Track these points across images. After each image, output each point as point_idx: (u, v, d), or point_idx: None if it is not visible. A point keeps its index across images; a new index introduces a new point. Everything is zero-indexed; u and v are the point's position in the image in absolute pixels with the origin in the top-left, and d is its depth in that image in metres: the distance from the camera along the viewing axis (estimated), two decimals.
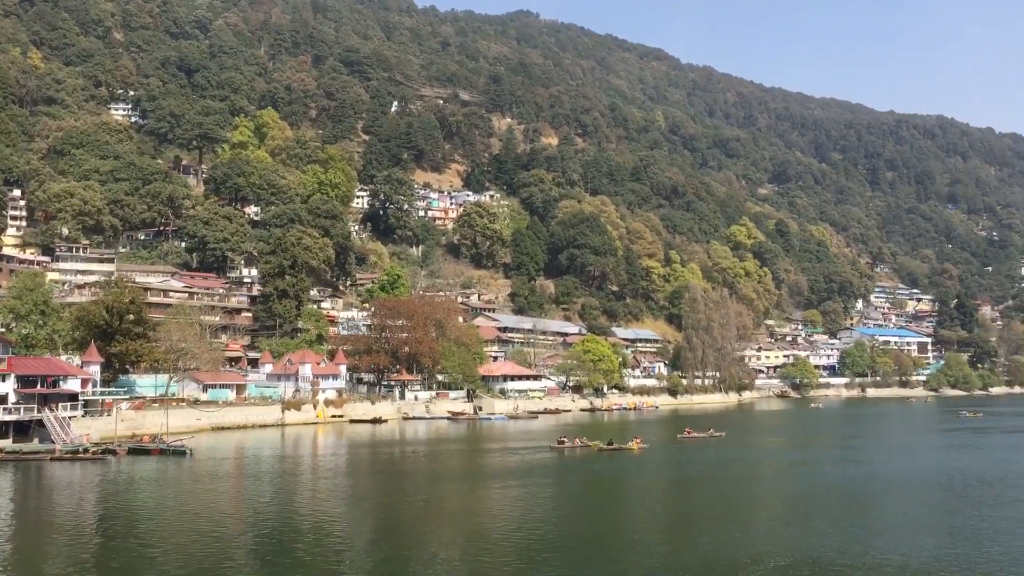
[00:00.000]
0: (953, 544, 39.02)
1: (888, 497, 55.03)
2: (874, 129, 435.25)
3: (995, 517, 46.06)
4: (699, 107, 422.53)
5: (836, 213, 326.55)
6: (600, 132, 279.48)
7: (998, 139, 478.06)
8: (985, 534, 41.37)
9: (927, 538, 40.72)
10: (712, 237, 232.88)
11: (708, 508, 50.99)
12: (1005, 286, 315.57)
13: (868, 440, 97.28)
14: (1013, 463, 71.97)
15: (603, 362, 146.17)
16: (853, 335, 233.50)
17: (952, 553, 37.06)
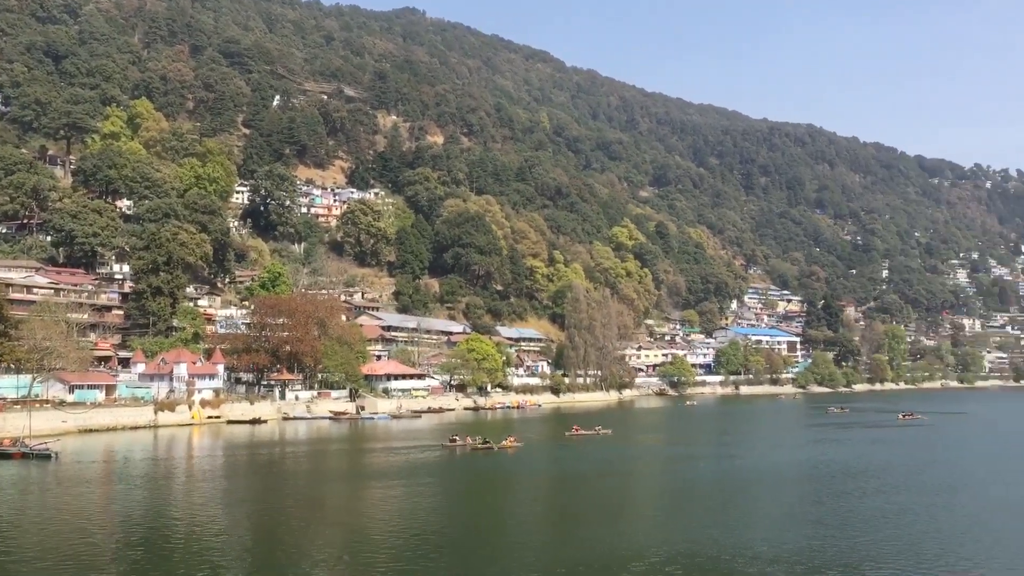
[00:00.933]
0: (821, 533, 40.90)
1: (760, 490, 57.22)
2: (749, 136, 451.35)
3: (859, 507, 48.54)
4: (583, 109, 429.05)
5: (713, 216, 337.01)
6: (486, 132, 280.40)
7: (863, 148, 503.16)
8: (850, 523, 43.53)
9: (797, 528, 42.54)
10: (595, 238, 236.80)
11: (590, 504, 51.79)
12: (868, 288, 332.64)
13: (741, 436, 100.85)
14: (874, 456, 75.86)
15: (487, 361, 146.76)
16: (728, 334, 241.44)
17: (820, 542, 38.85)
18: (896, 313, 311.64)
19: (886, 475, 62.38)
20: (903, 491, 54.40)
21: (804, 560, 35.39)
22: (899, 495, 52.82)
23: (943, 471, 65.32)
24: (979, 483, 59.94)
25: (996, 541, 39.55)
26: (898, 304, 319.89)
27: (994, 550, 37.53)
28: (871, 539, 39.29)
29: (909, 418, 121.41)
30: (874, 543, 38.34)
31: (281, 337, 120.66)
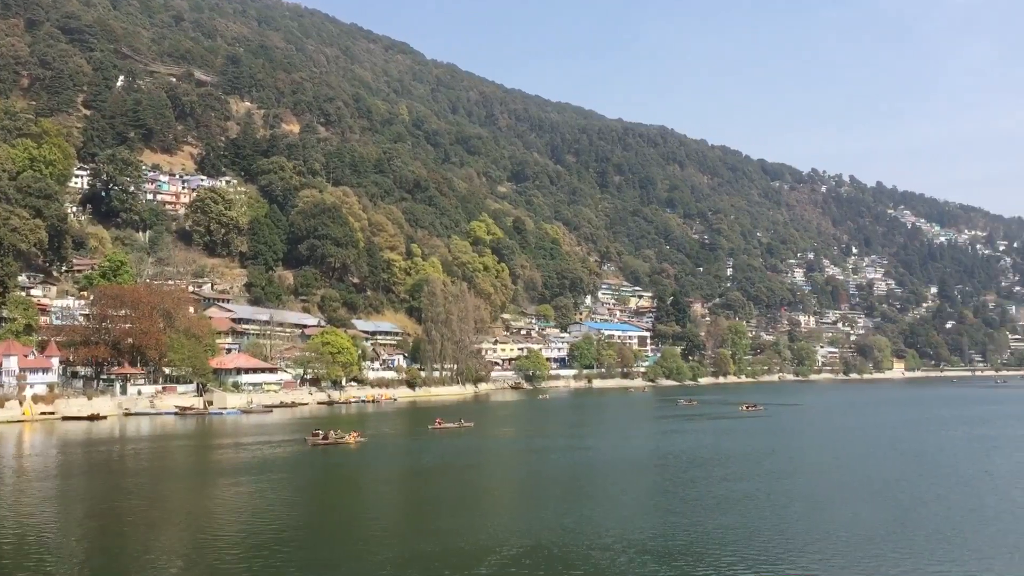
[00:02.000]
0: (672, 520, 42.42)
1: (613, 479, 58.78)
2: (604, 135, 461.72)
3: (707, 494, 50.64)
4: (443, 103, 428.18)
5: (569, 213, 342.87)
6: (344, 122, 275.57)
7: (711, 150, 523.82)
8: (698, 510, 45.36)
9: (649, 516, 44.01)
10: (453, 232, 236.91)
11: (448, 497, 51.87)
12: (713, 285, 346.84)
13: (594, 428, 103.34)
14: (720, 445, 79.33)
15: (342, 355, 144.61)
16: (582, 329, 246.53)
17: (671, 528, 40.29)
18: (739, 309, 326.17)
19: (731, 463, 65.42)
20: (747, 478, 57.19)
21: (655, 547, 36.57)
22: (743, 482, 55.48)
23: (782, 458, 69.16)
24: (814, 468, 63.77)
25: (830, 521, 42.01)
26: (741, 301, 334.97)
27: (829, 529, 39.84)
28: (717, 524, 41.04)
29: (751, 409, 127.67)
30: (720, 528, 40.08)
31: (123, 329, 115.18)
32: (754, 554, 35.09)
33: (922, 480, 56.44)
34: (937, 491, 51.62)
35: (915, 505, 46.90)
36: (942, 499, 48.63)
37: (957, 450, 75.08)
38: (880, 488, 53.11)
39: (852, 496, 50.18)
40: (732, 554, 35.17)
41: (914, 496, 49.82)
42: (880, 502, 47.91)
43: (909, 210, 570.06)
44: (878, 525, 41.02)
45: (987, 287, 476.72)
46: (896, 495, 50.25)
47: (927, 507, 46.18)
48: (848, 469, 63.12)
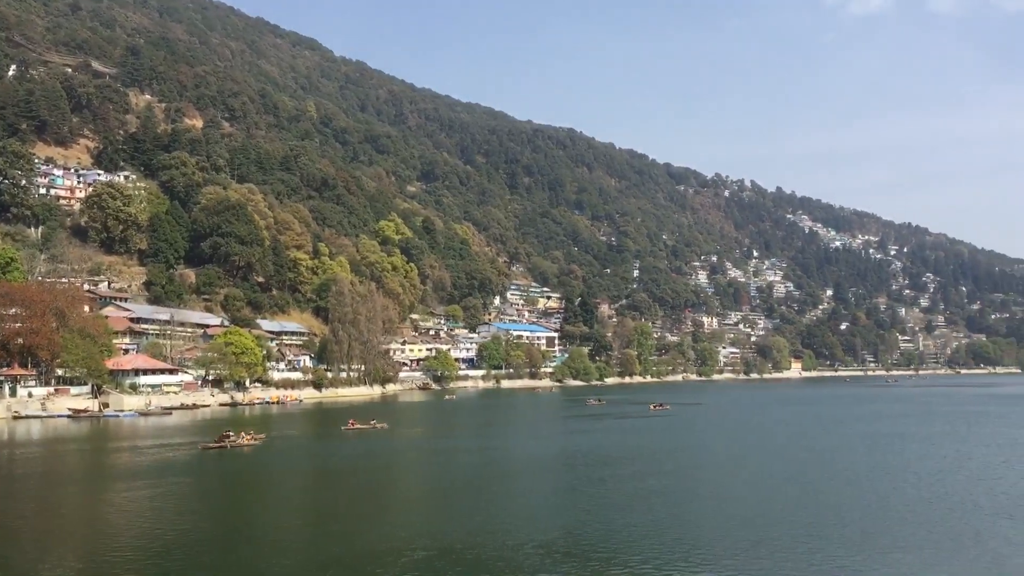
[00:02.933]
0: (581, 519, 42.85)
1: (523, 479, 59.15)
2: (514, 136, 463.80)
3: (615, 492, 51.31)
4: (352, 101, 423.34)
5: (479, 213, 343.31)
6: (249, 118, 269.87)
7: (619, 153, 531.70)
8: (607, 508, 45.93)
9: (558, 515, 44.41)
10: (361, 231, 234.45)
11: (355, 499, 51.38)
12: (620, 287, 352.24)
13: (503, 428, 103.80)
14: (629, 444, 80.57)
15: (246, 355, 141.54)
16: (491, 329, 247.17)
17: (580, 527, 40.68)
18: (645, 311, 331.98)
19: (639, 461, 66.60)
20: (654, 475, 58.31)
21: (565, 546, 36.89)
22: (650, 479, 56.51)
23: (687, 456, 70.82)
24: (717, 466, 65.45)
25: (730, 518, 43.10)
26: (647, 302, 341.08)
27: (729, 526, 40.87)
28: (625, 523, 41.61)
29: (659, 408, 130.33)
30: (628, 527, 40.65)
31: (12, 329, 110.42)
32: (660, 552, 35.72)
33: (821, 476, 58.42)
34: (835, 486, 53.49)
35: (815, 499, 48.47)
36: (839, 494, 50.39)
37: (852, 447, 77.96)
38: (780, 484, 54.75)
39: (754, 493, 51.53)
40: (639, 552, 35.72)
41: (813, 491, 51.50)
42: (780, 499, 49.34)
43: (807, 215, 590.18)
44: (777, 520, 42.27)
45: (879, 290, 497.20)
46: (795, 491, 51.84)
47: (826, 502, 47.76)
48: (750, 467, 64.95)
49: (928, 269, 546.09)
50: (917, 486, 53.26)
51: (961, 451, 73.46)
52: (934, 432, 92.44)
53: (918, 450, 74.36)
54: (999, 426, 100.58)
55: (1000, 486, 53.13)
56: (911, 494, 50.15)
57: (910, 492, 50.94)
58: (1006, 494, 50.09)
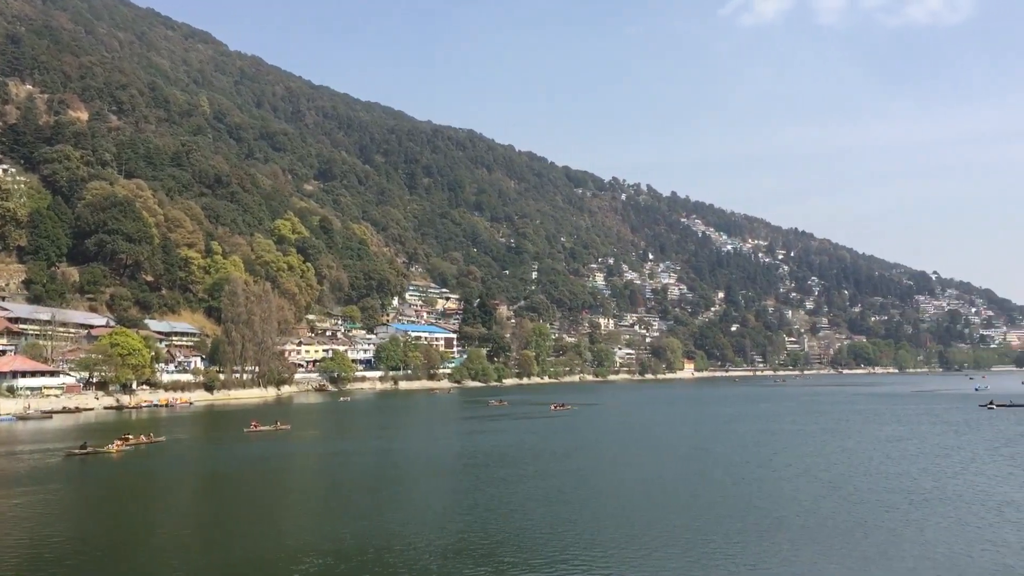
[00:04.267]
0: (481, 520, 42.76)
1: (423, 481, 58.73)
2: (414, 136, 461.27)
3: (515, 492, 51.48)
4: (247, 97, 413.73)
5: (377, 213, 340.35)
6: (138, 111, 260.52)
7: (518, 156, 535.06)
8: (507, 508, 46.02)
9: (460, 516, 44.20)
10: (256, 230, 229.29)
11: (250, 504, 50.15)
12: (519, 288, 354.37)
13: (404, 429, 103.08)
14: (531, 444, 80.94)
15: (133, 356, 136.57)
16: (389, 330, 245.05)
17: (481, 529, 40.59)
18: (543, 312, 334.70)
19: (540, 461, 67.07)
20: (555, 475, 58.75)
21: (466, 547, 36.75)
22: (552, 479, 56.94)
23: (588, 455, 71.72)
24: (616, 465, 66.40)
25: (629, 516, 43.75)
26: (545, 304, 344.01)
27: (629, 524, 41.47)
28: (527, 523, 41.75)
29: (560, 408, 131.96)
30: (529, 527, 40.81)
31: None
32: (561, 553, 35.95)
33: (716, 473, 59.87)
34: (729, 483, 54.92)
35: (711, 496, 49.63)
36: (734, 490, 51.74)
37: (745, 445, 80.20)
38: (678, 483, 55.87)
39: (653, 492, 52.39)
40: (541, 553, 35.90)
41: (709, 488, 52.74)
42: (678, 497, 50.35)
43: (700, 219, 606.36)
44: (675, 519, 43.12)
45: (767, 293, 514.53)
46: (693, 489, 52.99)
47: (722, 498, 48.96)
48: (648, 466, 66.10)
49: (813, 273, 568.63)
50: (808, 481, 55.15)
51: (846, 447, 76.50)
52: (820, 429, 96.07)
53: (807, 447, 77.07)
54: (881, 423, 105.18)
55: (883, 481, 55.46)
56: (803, 490, 51.89)
57: (802, 488, 52.71)
58: (889, 489, 52.30)
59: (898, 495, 49.39)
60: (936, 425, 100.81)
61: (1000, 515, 43.05)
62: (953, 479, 55.64)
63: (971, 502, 46.87)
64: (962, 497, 48.51)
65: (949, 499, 47.97)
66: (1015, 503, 46.47)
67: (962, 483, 53.78)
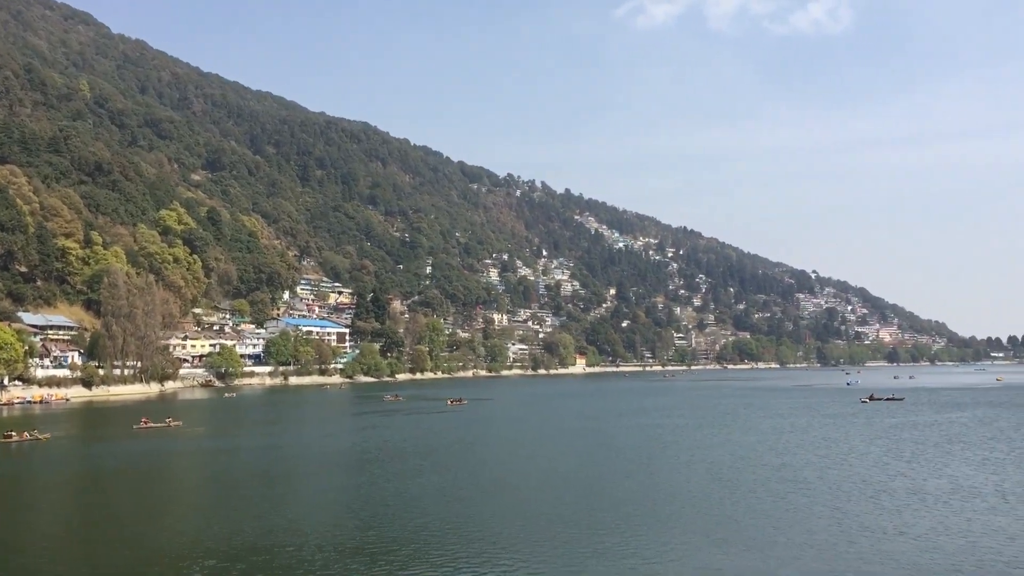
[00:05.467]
0: (377, 516, 42.18)
1: (318, 477, 57.72)
2: (307, 128, 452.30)
3: (411, 487, 50.96)
4: (130, 82, 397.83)
5: (268, 205, 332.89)
6: (12, 94, 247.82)
7: (413, 150, 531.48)
8: (403, 503, 45.50)
9: (355, 513, 43.54)
10: (140, 220, 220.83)
11: (134, 504, 48.18)
12: (413, 283, 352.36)
13: (293, 425, 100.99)
14: (423, 439, 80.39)
15: (4, 351, 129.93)
16: (279, 325, 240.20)
17: (376, 525, 40.01)
18: (437, 307, 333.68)
19: (437, 456, 66.74)
20: (450, 470, 58.53)
21: (361, 544, 36.11)
22: (447, 474, 56.69)
23: (483, 450, 71.85)
24: (511, 459, 66.57)
25: (524, 510, 43.80)
26: (439, 299, 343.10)
27: (524, 518, 41.49)
28: (424, 518, 41.29)
29: (456, 404, 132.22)
30: (427, 522, 40.36)
31: None
32: (458, 548, 35.72)
33: (608, 466, 60.68)
34: (621, 476, 55.72)
35: (606, 489, 50.23)
36: (625, 483, 52.51)
37: (636, 438, 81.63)
38: (572, 477, 56.35)
39: (548, 486, 52.69)
40: (438, 548, 35.61)
41: (603, 481, 53.40)
42: (573, 488, 50.76)
43: (593, 217, 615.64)
44: (570, 512, 43.43)
45: (657, 290, 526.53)
46: (588, 483, 53.53)
47: (618, 492, 49.58)
48: (542, 460, 66.55)
49: (701, 271, 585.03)
50: (698, 473, 56.44)
51: (732, 439, 78.72)
52: (708, 422, 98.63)
53: (695, 440, 78.96)
54: (765, 417, 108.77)
55: (768, 471, 57.22)
56: (693, 481, 53.08)
57: (692, 479, 53.92)
58: (775, 479, 53.98)
59: (782, 484, 51.06)
60: (817, 418, 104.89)
61: (877, 503, 44.96)
62: (833, 469, 57.88)
63: (850, 491, 48.80)
64: (841, 486, 50.44)
65: (830, 488, 49.83)
66: (890, 491, 48.62)
67: (841, 473, 55.98)
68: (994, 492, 47.96)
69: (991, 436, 79.06)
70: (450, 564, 32.80)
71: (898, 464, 59.97)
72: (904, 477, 53.78)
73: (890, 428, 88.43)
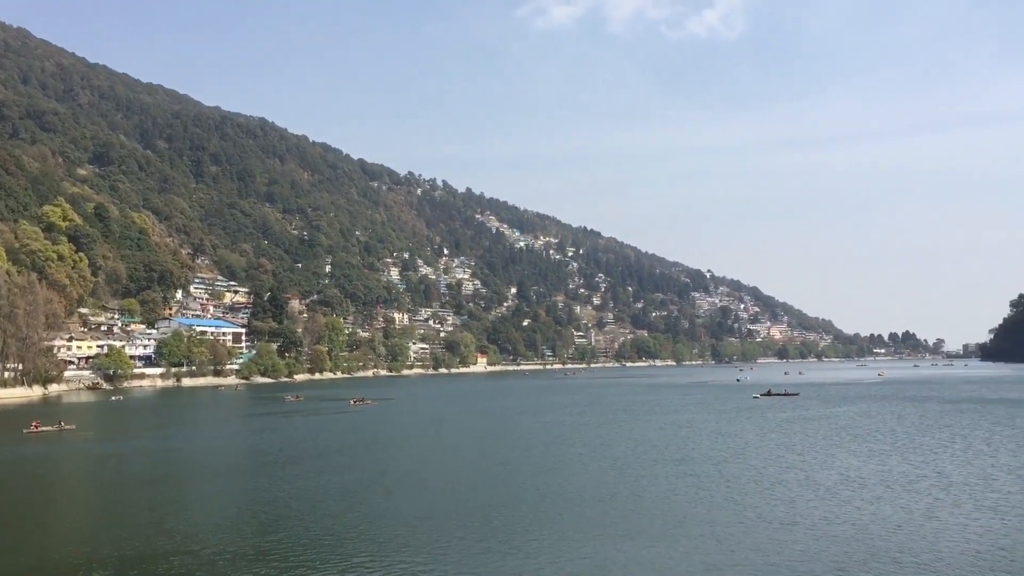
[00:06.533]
0: (278, 519, 41.10)
1: (213, 481, 56.01)
2: (200, 122, 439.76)
3: (313, 489, 49.77)
4: (11, 71, 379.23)
5: (160, 202, 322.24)
6: None
7: (312, 147, 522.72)
8: (305, 505, 44.43)
9: (255, 516, 42.25)
10: (22, 216, 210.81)
11: (19, 513, 45.73)
12: (312, 282, 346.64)
13: (188, 427, 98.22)
14: (325, 440, 78.95)
15: None
16: (171, 325, 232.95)
17: (277, 529, 38.93)
18: (337, 306, 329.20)
19: (342, 456, 65.68)
20: (353, 470, 57.61)
21: (262, 549, 35.06)
22: (353, 474, 55.79)
23: (387, 449, 70.94)
24: (413, 459, 66.01)
25: (430, 510, 43.40)
26: (339, 298, 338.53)
27: (430, 517, 41.11)
28: (328, 521, 40.44)
29: (360, 403, 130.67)
30: (331, 524, 39.57)
31: None
32: (361, 550, 35.16)
33: (514, 464, 60.78)
34: (526, 473, 55.82)
35: (511, 486, 50.21)
36: (533, 481, 52.61)
37: (538, 435, 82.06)
38: (474, 473, 56.31)
39: (453, 485, 52.45)
40: (340, 550, 34.96)
41: (505, 480, 53.44)
42: (478, 486, 50.63)
43: (494, 216, 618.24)
44: (478, 508, 43.28)
45: (557, 288, 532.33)
46: (491, 480, 53.49)
47: (523, 489, 49.61)
48: (444, 458, 66.35)
49: (600, 270, 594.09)
50: (600, 469, 56.99)
51: (633, 436, 79.80)
52: (609, 420, 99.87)
53: (596, 436, 79.84)
54: (663, 412, 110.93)
55: (668, 466, 58.27)
56: (596, 478, 53.55)
57: (595, 476, 54.40)
58: (674, 474, 55.00)
59: (683, 479, 52.04)
60: (714, 413, 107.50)
61: (772, 494, 46.26)
62: (730, 463, 59.34)
63: (746, 483, 50.10)
64: (738, 479, 51.74)
65: (728, 481, 51.03)
66: (784, 483, 50.13)
67: (738, 466, 57.44)
68: (879, 482, 49.92)
69: (875, 429, 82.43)
70: (356, 567, 32.24)
71: (791, 457, 61.88)
72: (796, 469, 55.51)
73: (782, 422, 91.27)
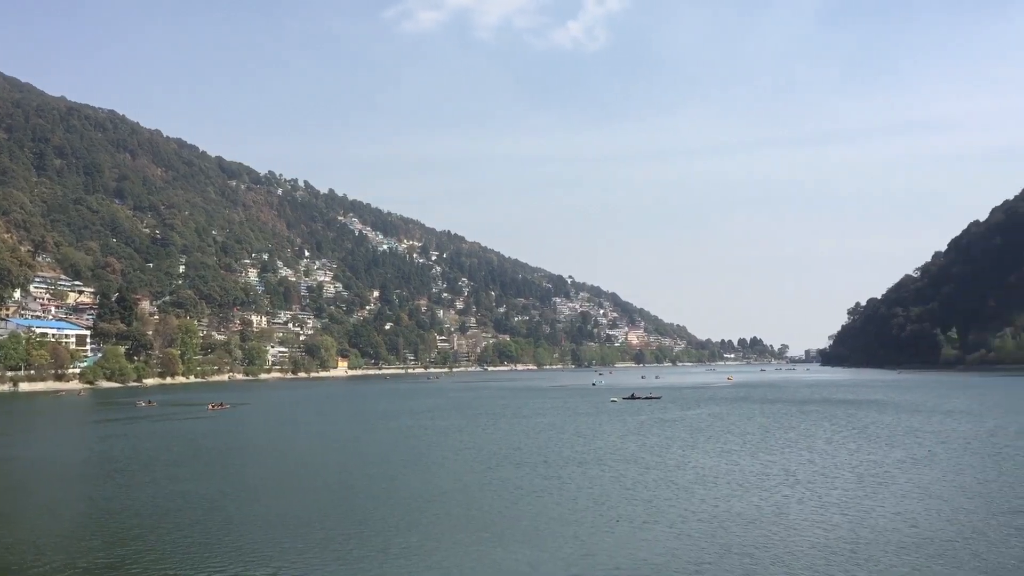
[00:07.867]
0: (124, 529, 39.27)
1: (53, 492, 53.07)
2: (44, 112, 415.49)
3: (166, 497, 47.75)
4: None
5: None
6: None
7: (166, 142, 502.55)
8: (156, 515, 42.56)
9: (101, 529, 40.24)
10: None
11: None
12: (164, 282, 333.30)
13: (20, 435, 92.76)
14: (177, 446, 75.94)
15: None
16: (8, 326, 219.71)
17: (122, 540, 37.18)
18: (191, 308, 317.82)
19: (195, 463, 63.20)
20: (213, 477, 55.49)
21: (109, 563, 33.49)
22: (210, 481, 53.63)
23: (241, 455, 68.94)
24: (269, 465, 64.33)
25: (287, 517, 42.35)
26: (193, 299, 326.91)
27: (285, 525, 40.09)
28: (184, 532, 38.94)
29: (217, 408, 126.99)
30: (187, 535, 38.08)
31: None
32: (216, 561, 34.04)
33: (375, 468, 60.10)
34: (390, 478, 55.32)
35: (375, 492, 49.65)
36: (395, 485, 52.19)
37: (396, 441, 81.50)
38: (336, 479, 55.37)
39: (311, 491, 51.42)
40: (198, 561, 33.68)
41: (368, 485, 52.80)
42: (340, 492, 49.87)
43: (357, 218, 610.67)
44: (340, 514, 42.58)
45: (421, 292, 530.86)
46: (352, 485, 52.68)
47: (389, 493, 49.14)
48: (302, 464, 64.98)
49: (464, 274, 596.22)
50: (469, 474, 57.08)
51: (497, 438, 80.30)
52: (473, 424, 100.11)
53: (461, 440, 79.95)
54: (527, 415, 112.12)
55: (532, 469, 58.93)
56: (465, 482, 53.57)
57: (464, 480, 54.42)
58: (539, 476, 55.63)
59: (547, 481, 52.67)
60: (574, 416, 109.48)
61: (632, 494, 47.50)
62: (592, 465, 60.52)
63: (608, 484, 51.24)
64: (600, 480, 52.84)
65: (590, 482, 52.02)
66: (644, 483, 51.55)
67: (600, 468, 58.63)
68: (732, 481, 52.04)
69: (726, 430, 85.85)
70: None
71: (649, 458, 63.65)
72: (655, 470, 57.14)
73: (641, 425, 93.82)
